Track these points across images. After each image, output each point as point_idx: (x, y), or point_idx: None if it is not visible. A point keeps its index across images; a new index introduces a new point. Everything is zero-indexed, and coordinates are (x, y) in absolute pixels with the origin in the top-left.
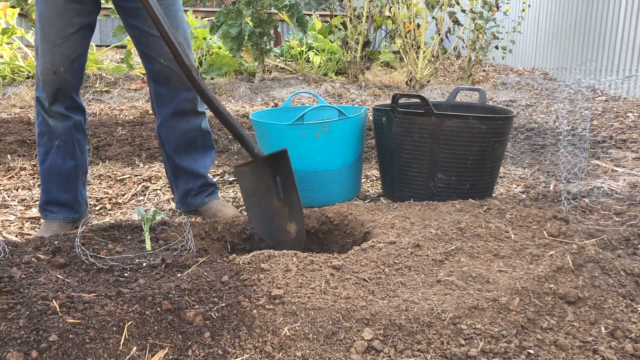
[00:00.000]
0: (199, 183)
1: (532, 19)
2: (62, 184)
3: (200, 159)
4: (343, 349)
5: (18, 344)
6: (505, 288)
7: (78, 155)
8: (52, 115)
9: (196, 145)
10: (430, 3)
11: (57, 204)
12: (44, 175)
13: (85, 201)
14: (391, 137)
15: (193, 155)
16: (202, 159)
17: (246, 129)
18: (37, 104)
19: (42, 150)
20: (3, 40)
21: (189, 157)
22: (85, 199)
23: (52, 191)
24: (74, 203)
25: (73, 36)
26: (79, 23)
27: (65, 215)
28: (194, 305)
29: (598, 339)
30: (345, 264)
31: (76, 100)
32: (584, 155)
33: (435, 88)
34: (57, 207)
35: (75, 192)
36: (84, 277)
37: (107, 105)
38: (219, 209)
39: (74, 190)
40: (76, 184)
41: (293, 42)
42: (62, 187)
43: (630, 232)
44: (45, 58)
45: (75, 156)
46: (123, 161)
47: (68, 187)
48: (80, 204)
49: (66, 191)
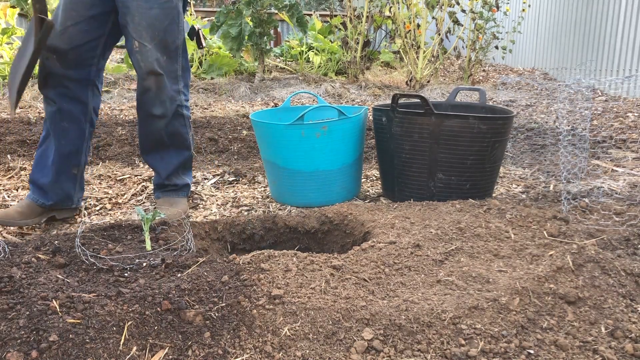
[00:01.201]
0: (157, 180)
1: (532, 19)
2: (40, 166)
3: (166, 159)
4: (343, 349)
5: (18, 344)
6: (505, 288)
7: (62, 143)
8: (44, 98)
9: (163, 145)
10: (430, 3)
11: (33, 184)
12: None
13: (69, 195)
14: (391, 137)
15: (161, 153)
16: (168, 160)
17: (246, 128)
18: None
19: (44, 132)
20: (3, 40)
21: (156, 155)
22: (70, 194)
23: (33, 169)
24: (49, 190)
25: (70, 29)
26: (79, 17)
27: (36, 197)
28: (194, 305)
29: (598, 339)
30: (345, 264)
31: (74, 90)
32: (584, 155)
33: (435, 88)
34: (33, 186)
35: (54, 180)
36: (84, 277)
37: (107, 105)
38: (164, 207)
39: (52, 176)
40: (55, 171)
41: (293, 42)
42: (40, 169)
43: (630, 232)
44: (48, 44)
45: (58, 143)
46: (123, 161)
47: (46, 171)
48: (58, 194)
49: (44, 175)
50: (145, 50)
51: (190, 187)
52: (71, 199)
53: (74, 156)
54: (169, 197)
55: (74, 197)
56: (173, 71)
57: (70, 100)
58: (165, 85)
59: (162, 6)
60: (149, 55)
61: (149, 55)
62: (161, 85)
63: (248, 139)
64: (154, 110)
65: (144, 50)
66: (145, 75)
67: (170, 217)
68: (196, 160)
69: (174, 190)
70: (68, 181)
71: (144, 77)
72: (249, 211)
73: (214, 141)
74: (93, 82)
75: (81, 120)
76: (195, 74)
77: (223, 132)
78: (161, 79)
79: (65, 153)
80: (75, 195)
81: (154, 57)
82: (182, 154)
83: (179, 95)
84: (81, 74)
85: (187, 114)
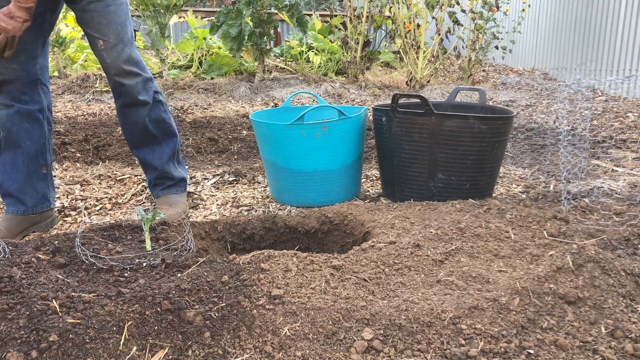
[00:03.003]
0: (154, 175)
1: (532, 19)
2: (7, 175)
3: (158, 150)
4: (343, 349)
5: (18, 344)
6: (505, 288)
7: (27, 144)
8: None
9: (151, 135)
10: (430, 3)
11: (7, 196)
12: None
13: (45, 196)
14: (391, 137)
15: (151, 146)
16: (160, 150)
17: (246, 128)
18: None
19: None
20: None
21: (147, 148)
22: (45, 193)
23: (1, 182)
24: (24, 194)
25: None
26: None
27: (14, 208)
28: (194, 305)
29: (598, 339)
30: (345, 264)
31: (27, 91)
32: (584, 155)
33: (435, 88)
34: (7, 199)
35: (27, 182)
36: (84, 277)
37: (107, 105)
38: (164, 207)
39: (23, 179)
40: (26, 173)
41: (293, 42)
42: (8, 178)
43: (630, 232)
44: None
45: (24, 144)
46: (123, 161)
47: (14, 177)
48: (34, 197)
49: (15, 181)
50: (111, 47)
51: (186, 181)
52: (48, 200)
53: (40, 156)
54: (168, 195)
55: (49, 196)
56: (140, 60)
57: (26, 101)
58: (139, 73)
59: (115, 2)
60: (116, 50)
61: (116, 50)
62: (137, 74)
63: (248, 139)
64: (140, 96)
65: (108, 47)
66: (118, 70)
67: (170, 217)
68: (196, 160)
69: (172, 186)
70: (40, 181)
71: (118, 72)
72: (249, 211)
73: (214, 141)
74: (40, 81)
75: (41, 119)
76: (195, 74)
77: (223, 132)
78: (134, 69)
79: (32, 154)
80: (50, 195)
81: (121, 50)
82: (172, 141)
83: (151, 82)
84: (30, 74)
85: (164, 100)
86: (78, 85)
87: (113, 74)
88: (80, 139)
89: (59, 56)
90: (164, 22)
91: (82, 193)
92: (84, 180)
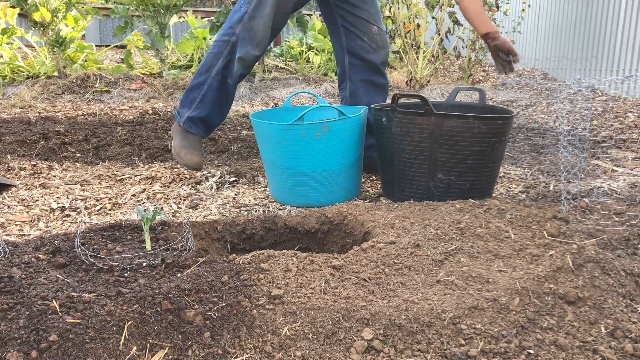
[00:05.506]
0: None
1: (532, 19)
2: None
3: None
4: (343, 349)
5: (18, 344)
6: (505, 288)
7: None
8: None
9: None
10: (430, 3)
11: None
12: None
13: None
14: (391, 137)
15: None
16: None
17: (246, 128)
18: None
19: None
20: (3, 40)
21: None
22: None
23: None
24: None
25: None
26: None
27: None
28: (194, 305)
29: (598, 339)
30: (345, 264)
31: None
32: (584, 155)
33: (435, 88)
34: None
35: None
36: (84, 277)
37: (107, 105)
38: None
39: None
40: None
41: (293, 42)
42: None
43: (630, 232)
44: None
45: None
46: (123, 161)
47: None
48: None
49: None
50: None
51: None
52: None
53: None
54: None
55: None
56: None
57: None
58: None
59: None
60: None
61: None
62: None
63: (248, 139)
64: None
65: (382, 33)
66: (381, 47)
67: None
68: None
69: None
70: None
71: (378, 50)
72: (249, 211)
73: (214, 141)
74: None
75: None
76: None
77: (223, 132)
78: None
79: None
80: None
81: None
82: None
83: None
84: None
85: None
86: (78, 85)
87: (380, 50)
88: (80, 139)
89: (59, 56)
90: (164, 22)
91: (82, 193)
92: (84, 180)
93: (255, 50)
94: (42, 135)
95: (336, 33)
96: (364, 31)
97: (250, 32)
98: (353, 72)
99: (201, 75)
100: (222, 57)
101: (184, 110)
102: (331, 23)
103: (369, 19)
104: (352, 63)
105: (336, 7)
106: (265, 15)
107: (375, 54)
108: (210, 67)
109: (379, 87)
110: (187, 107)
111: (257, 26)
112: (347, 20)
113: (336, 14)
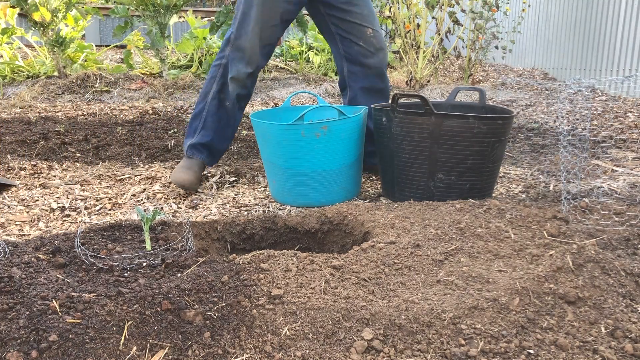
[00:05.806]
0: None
1: (532, 19)
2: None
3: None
4: (343, 349)
5: (18, 344)
6: (505, 288)
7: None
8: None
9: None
10: (430, 3)
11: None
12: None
13: None
14: (391, 137)
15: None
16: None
17: (246, 128)
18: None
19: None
20: (3, 40)
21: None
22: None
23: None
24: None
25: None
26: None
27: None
28: (194, 305)
29: (598, 339)
30: (345, 264)
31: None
32: (584, 155)
33: (435, 88)
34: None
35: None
36: (84, 277)
37: (107, 105)
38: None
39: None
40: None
41: (293, 42)
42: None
43: (630, 232)
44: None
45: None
46: (123, 161)
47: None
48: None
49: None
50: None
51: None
52: None
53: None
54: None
55: None
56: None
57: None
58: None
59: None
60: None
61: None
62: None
63: (248, 139)
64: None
65: (377, 35)
66: (378, 50)
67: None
68: None
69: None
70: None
71: (376, 52)
72: (248, 211)
73: None
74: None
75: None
76: (195, 73)
77: None
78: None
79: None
80: None
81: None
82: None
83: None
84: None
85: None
86: (78, 85)
87: (375, 52)
88: (80, 139)
89: (59, 56)
90: (164, 22)
91: (82, 193)
92: (84, 180)
93: (246, 67)
94: (42, 135)
95: (333, 42)
96: (359, 36)
97: (239, 51)
98: (352, 79)
99: (200, 102)
100: (216, 80)
101: (188, 140)
102: (326, 32)
103: (362, 22)
104: (351, 70)
105: (328, 16)
106: (250, 31)
107: (375, 58)
108: (207, 94)
109: (379, 92)
110: (190, 135)
111: (244, 44)
112: (340, 28)
113: (329, 22)
